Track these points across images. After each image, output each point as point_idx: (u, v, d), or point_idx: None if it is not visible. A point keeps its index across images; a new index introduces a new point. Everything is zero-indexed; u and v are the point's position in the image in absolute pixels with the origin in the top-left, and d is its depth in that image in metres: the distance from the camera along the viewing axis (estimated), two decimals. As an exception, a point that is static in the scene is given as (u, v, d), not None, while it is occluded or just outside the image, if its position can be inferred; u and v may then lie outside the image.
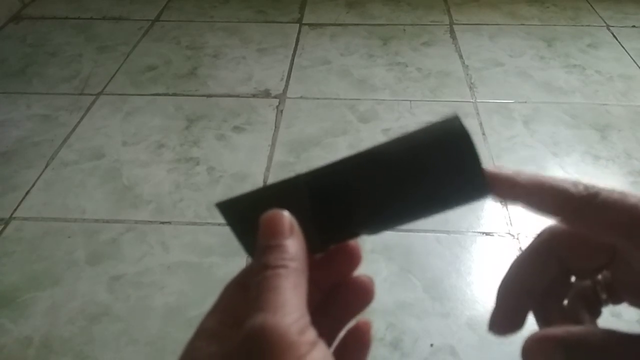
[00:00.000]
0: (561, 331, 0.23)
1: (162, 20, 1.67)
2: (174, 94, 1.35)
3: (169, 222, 1.00)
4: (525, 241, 0.96)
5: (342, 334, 0.28)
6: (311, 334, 0.21)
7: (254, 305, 0.21)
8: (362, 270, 0.28)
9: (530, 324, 0.28)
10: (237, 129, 1.23)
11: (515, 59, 1.48)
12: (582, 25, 1.63)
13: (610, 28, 1.61)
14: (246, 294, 0.23)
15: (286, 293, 0.21)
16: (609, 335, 0.22)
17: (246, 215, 0.25)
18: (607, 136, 1.20)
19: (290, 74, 1.42)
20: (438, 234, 0.97)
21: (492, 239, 0.96)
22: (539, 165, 1.13)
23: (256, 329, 0.20)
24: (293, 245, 0.23)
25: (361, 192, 0.25)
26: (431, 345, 0.80)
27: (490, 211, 1.01)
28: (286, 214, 0.24)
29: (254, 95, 1.34)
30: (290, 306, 0.21)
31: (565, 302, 0.27)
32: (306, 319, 0.21)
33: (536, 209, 0.24)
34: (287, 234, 0.23)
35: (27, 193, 1.07)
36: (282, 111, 1.29)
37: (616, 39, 1.56)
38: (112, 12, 1.72)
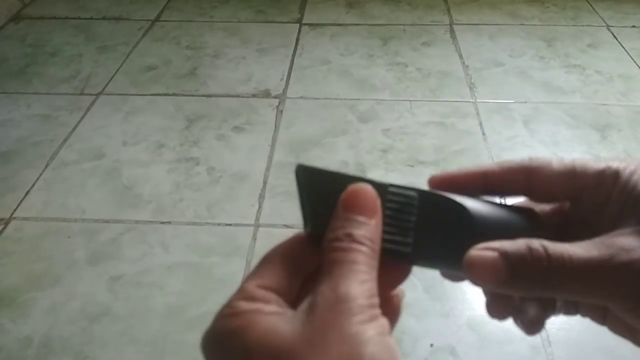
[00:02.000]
0: (508, 244, 0.24)
1: (162, 20, 1.68)
2: (174, 94, 1.35)
3: (169, 222, 1.00)
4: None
5: None
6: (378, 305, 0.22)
7: (329, 271, 0.22)
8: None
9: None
10: (237, 129, 1.23)
11: (515, 59, 1.48)
12: (582, 25, 1.63)
13: (610, 28, 1.61)
14: (290, 266, 0.24)
15: (361, 270, 0.22)
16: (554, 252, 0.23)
17: (324, 187, 0.25)
18: (607, 136, 1.20)
19: (290, 74, 1.42)
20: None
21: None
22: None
23: (329, 293, 0.21)
24: (377, 228, 0.24)
25: (425, 224, 0.25)
26: (431, 345, 0.80)
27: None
28: (376, 195, 0.24)
29: (254, 95, 1.34)
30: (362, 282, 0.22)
31: None
32: (376, 297, 0.22)
33: None
34: (376, 214, 0.24)
35: (27, 193, 1.07)
36: (282, 111, 1.29)
37: (616, 39, 1.56)
38: (112, 12, 1.72)
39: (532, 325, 0.27)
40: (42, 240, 0.97)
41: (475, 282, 0.24)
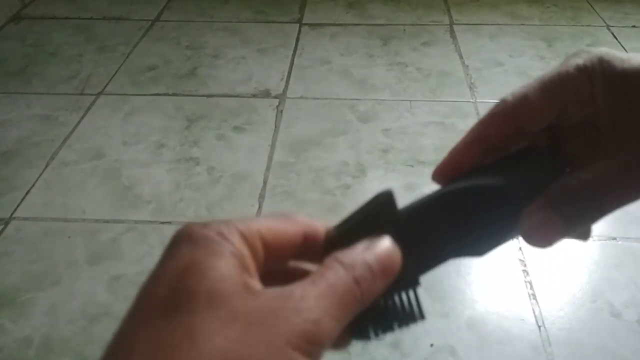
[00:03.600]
0: (548, 196, 0.25)
1: (162, 20, 1.68)
2: (174, 94, 1.35)
3: (169, 222, 1.00)
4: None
5: None
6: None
7: (315, 281, 0.21)
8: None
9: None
10: (237, 129, 1.23)
11: (515, 59, 1.48)
12: (582, 25, 1.63)
13: (610, 28, 1.61)
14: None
15: (336, 306, 0.20)
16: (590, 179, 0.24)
17: (378, 219, 0.25)
18: (607, 136, 1.20)
19: (290, 74, 1.42)
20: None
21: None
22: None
23: None
24: (378, 291, 0.23)
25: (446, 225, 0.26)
26: (431, 345, 0.80)
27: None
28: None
29: (254, 95, 1.34)
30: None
31: None
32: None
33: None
34: (387, 280, 0.23)
35: (27, 193, 1.07)
36: (282, 111, 1.29)
37: (616, 39, 1.56)
38: (112, 12, 1.72)
39: (584, 234, 0.28)
40: (42, 240, 0.97)
41: (540, 244, 0.25)
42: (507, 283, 0.89)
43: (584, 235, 0.28)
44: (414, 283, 0.25)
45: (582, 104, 0.26)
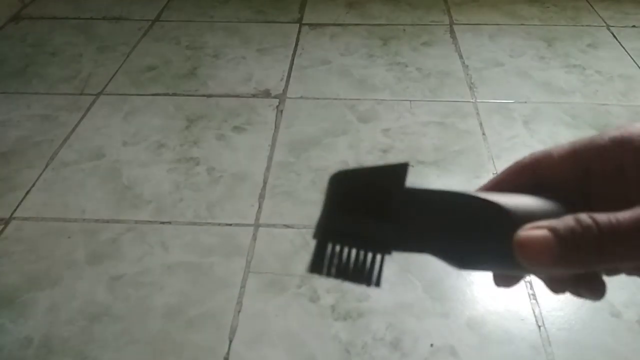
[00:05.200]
0: (554, 221, 0.24)
1: (162, 20, 1.68)
2: (174, 94, 1.35)
3: (169, 222, 1.00)
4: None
5: None
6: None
7: None
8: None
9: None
10: (237, 129, 1.23)
11: (515, 59, 1.48)
12: (582, 25, 1.63)
13: (610, 28, 1.61)
14: None
15: None
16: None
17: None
18: (607, 136, 1.20)
19: (290, 74, 1.42)
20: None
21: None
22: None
23: None
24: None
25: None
26: (431, 345, 0.80)
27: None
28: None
29: (254, 95, 1.34)
30: None
31: None
32: None
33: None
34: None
35: (27, 193, 1.07)
36: (282, 111, 1.29)
37: (616, 39, 1.56)
38: (112, 12, 1.72)
39: (597, 292, 0.27)
40: (42, 240, 0.97)
41: (529, 263, 0.24)
42: (507, 283, 0.89)
43: (597, 292, 0.27)
44: (386, 250, 0.26)
45: (611, 173, 0.26)
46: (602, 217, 0.23)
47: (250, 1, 1.78)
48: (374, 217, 0.26)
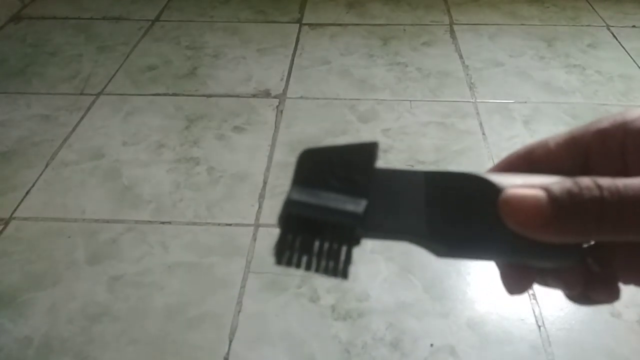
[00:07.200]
0: (549, 180, 0.21)
1: (162, 20, 1.67)
2: (174, 94, 1.35)
3: (169, 222, 1.00)
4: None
5: None
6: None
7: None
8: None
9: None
10: (237, 129, 1.23)
11: (515, 59, 1.48)
12: (582, 25, 1.63)
13: (610, 28, 1.61)
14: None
15: None
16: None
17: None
18: (607, 136, 1.20)
19: (290, 74, 1.42)
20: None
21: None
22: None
23: None
24: None
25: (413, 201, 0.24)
26: (431, 345, 0.80)
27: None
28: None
29: (254, 95, 1.34)
30: None
31: None
32: None
33: None
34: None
35: (27, 193, 1.07)
36: (282, 111, 1.29)
37: (616, 39, 1.56)
38: (112, 12, 1.72)
39: (613, 294, 0.25)
40: (42, 240, 0.97)
41: (516, 226, 0.21)
42: (507, 283, 0.89)
43: (612, 294, 0.25)
44: (354, 239, 0.24)
45: (612, 155, 0.24)
46: (606, 180, 0.20)
47: (250, 1, 1.78)
48: (342, 197, 0.24)
